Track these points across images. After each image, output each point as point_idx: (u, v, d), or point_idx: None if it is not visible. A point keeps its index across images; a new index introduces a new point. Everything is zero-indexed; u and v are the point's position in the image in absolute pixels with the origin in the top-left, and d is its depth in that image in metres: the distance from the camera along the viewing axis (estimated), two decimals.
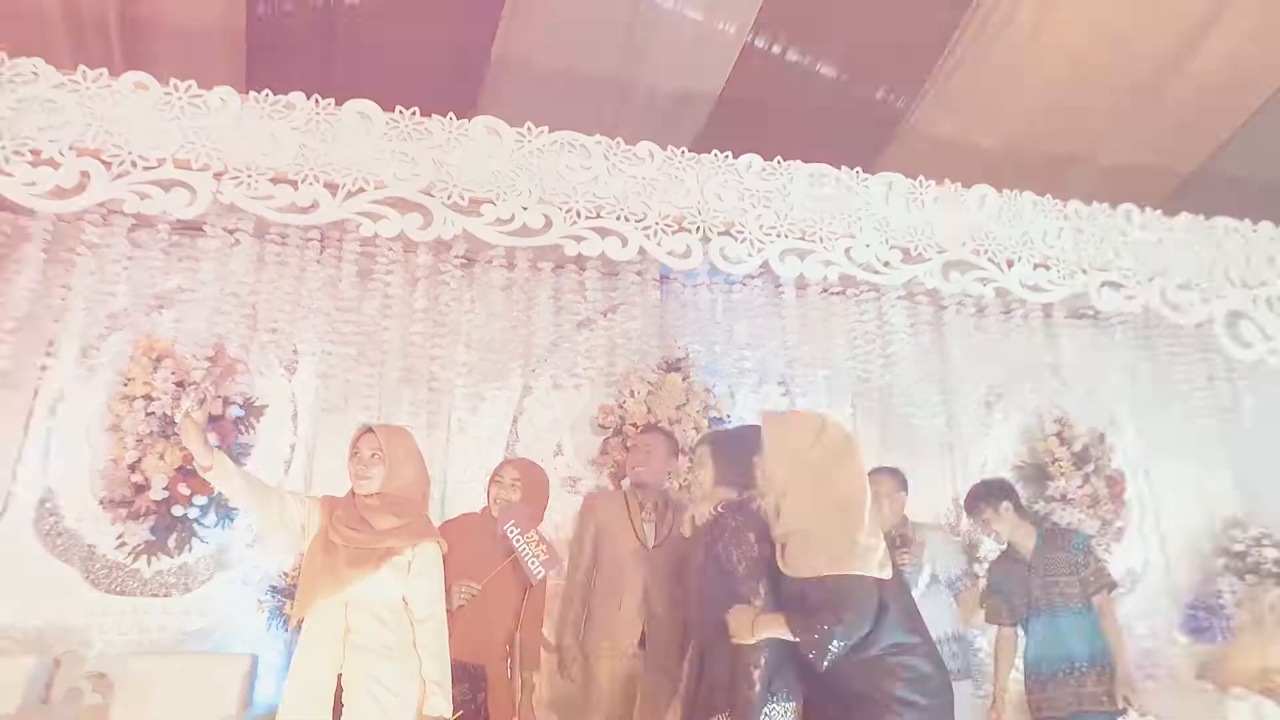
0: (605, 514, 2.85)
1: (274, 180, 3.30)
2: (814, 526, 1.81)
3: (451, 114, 3.62)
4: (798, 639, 1.74)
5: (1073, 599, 2.72)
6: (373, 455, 2.15)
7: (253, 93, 3.41)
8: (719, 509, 1.98)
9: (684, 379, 4.04)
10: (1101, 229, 4.27)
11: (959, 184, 4.20)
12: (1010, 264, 4.08)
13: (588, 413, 4.13)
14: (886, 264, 3.95)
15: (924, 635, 1.85)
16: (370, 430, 2.20)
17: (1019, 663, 2.92)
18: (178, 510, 3.27)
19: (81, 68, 3.31)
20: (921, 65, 4.86)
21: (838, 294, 4.20)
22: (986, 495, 2.97)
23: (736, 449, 2.17)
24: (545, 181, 3.64)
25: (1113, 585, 2.78)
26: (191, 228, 3.56)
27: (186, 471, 3.29)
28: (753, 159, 3.99)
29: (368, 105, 3.53)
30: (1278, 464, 4.50)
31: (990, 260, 4.06)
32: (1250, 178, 5.34)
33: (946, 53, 4.68)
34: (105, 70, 3.32)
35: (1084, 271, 4.16)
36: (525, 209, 3.55)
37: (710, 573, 1.95)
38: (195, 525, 3.34)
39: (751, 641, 1.77)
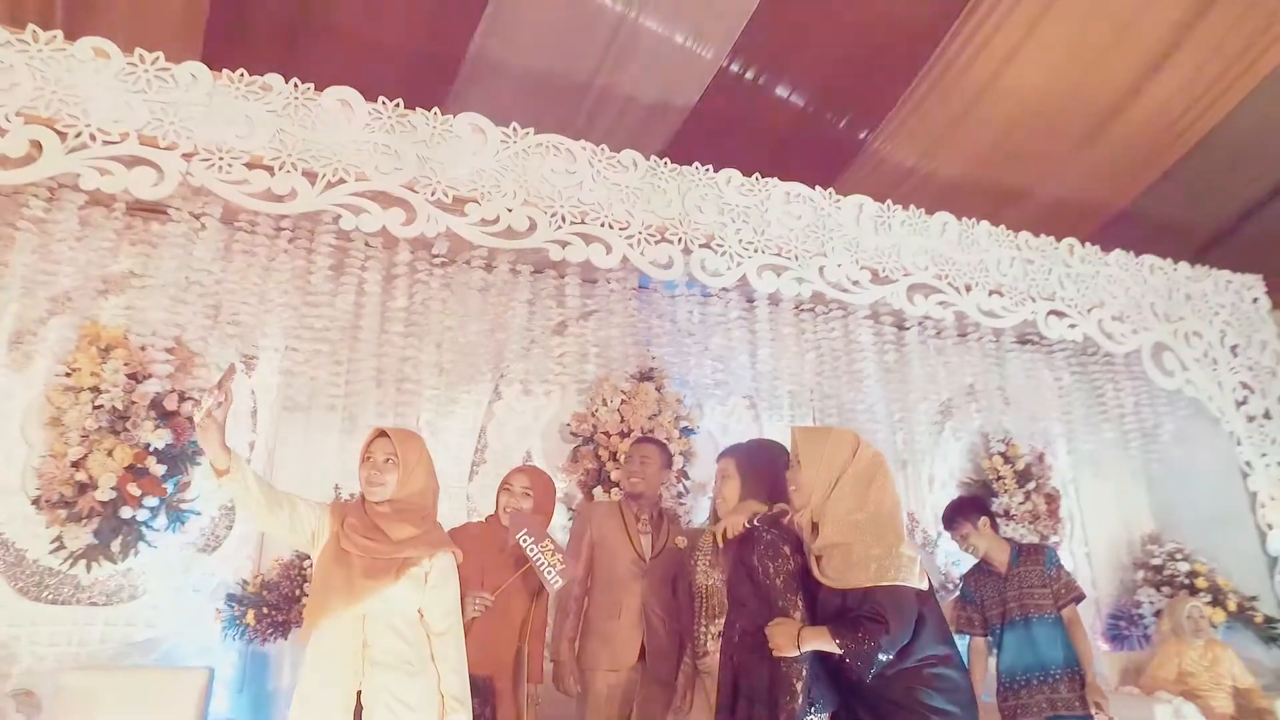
0: (601, 525, 2.82)
1: (249, 165, 3.12)
2: (856, 539, 1.86)
3: (436, 109, 3.53)
4: (842, 651, 1.77)
5: (1045, 609, 2.88)
6: (387, 460, 2.05)
7: (226, 71, 3.23)
8: (753, 523, 1.99)
9: (657, 389, 4.04)
10: (1049, 260, 4.55)
11: (922, 210, 4.39)
12: (968, 289, 4.29)
13: (558, 419, 4.08)
14: (856, 284, 4.08)
15: (954, 646, 1.91)
16: (385, 434, 2.10)
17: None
18: (126, 512, 3.02)
19: (32, 27, 3.05)
20: (884, 100, 5.07)
21: (808, 310, 4.30)
22: (966, 511, 3.11)
23: (762, 463, 2.20)
24: (530, 183, 3.59)
25: (1081, 597, 2.97)
26: (150, 209, 3.33)
27: (138, 470, 3.06)
28: (732, 174, 4.05)
29: (349, 93, 3.39)
30: (1189, 484, 4.89)
31: (950, 285, 4.26)
32: (1169, 220, 5.82)
33: (909, 90, 4.90)
34: (60, 33, 3.07)
35: (1033, 300, 4.41)
36: (510, 210, 3.49)
37: (744, 586, 1.95)
38: (144, 529, 3.10)
39: (795, 654, 1.79)
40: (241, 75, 3.22)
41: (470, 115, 3.60)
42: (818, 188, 4.21)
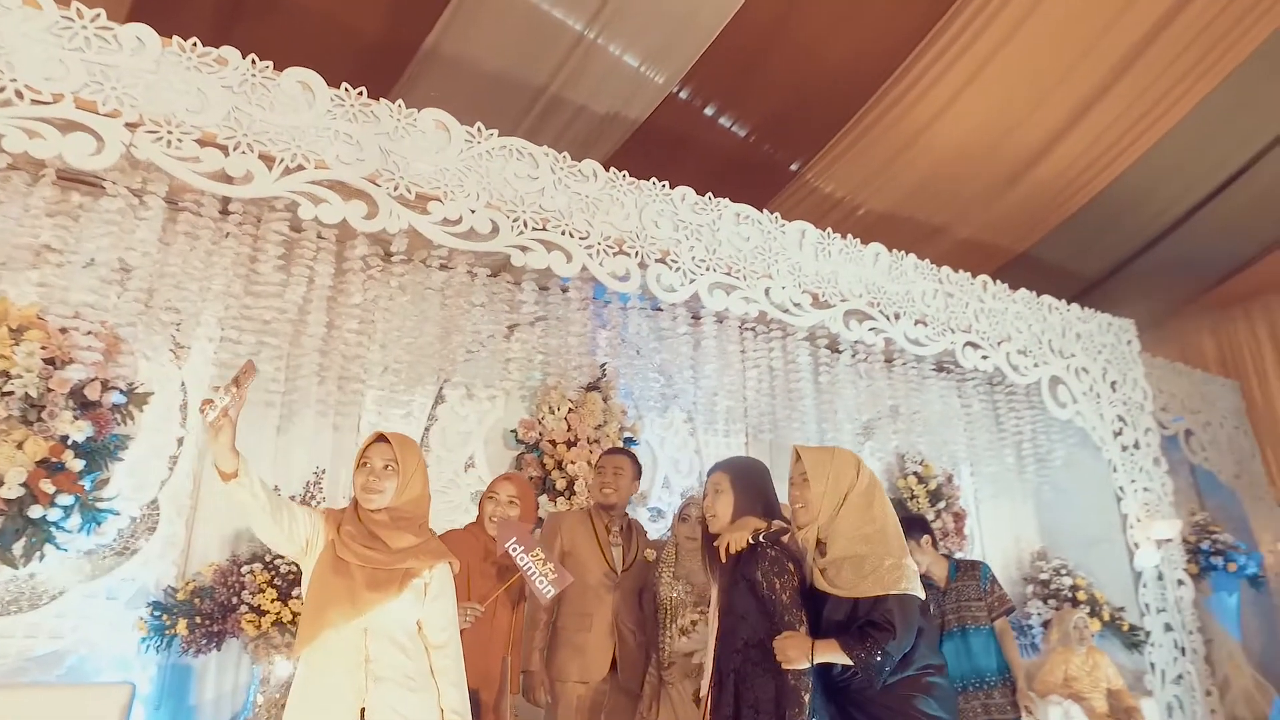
0: (572, 536, 2.80)
1: (200, 142, 2.92)
2: (870, 550, 1.95)
3: (400, 101, 3.41)
4: (853, 661, 1.85)
5: (980, 621, 3.12)
6: (385, 466, 1.97)
7: (177, 38, 3.00)
8: (759, 538, 2.04)
9: (604, 399, 4.06)
10: (966, 295, 4.91)
11: (858, 239, 4.64)
12: (897, 317, 4.56)
13: (501, 425, 4.03)
14: (799, 306, 4.26)
15: (943, 656, 2.04)
16: (384, 439, 2.02)
17: None
18: (35, 511, 2.73)
19: None
20: (819, 138, 5.37)
21: (749, 329, 4.44)
22: (909, 529, 3.30)
23: (756, 479, 2.26)
24: (493, 186, 3.53)
25: (1011, 609, 3.22)
26: (75, 179, 3.04)
27: (52, 466, 2.78)
28: (686, 191, 4.14)
29: (310, 75, 3.23)
30: (1072, 506, 5.39)
31: (882, 313, 4.51)
32: (1057, 264, 6.42)
33: (842, 133, 5.20)
34: None
35: (952, 331, 4.75)
36: (473, 212, 3.42)
37: (746, 600, 2.00)
38: (53, 530, 2.81)
39: (806, 666, 1.86)
40: (194, 45, 3.01)
41: (434, 111, 3.50)
42: (765, 210, 4.37)
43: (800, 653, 1.86)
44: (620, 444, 4.06)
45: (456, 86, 4.46)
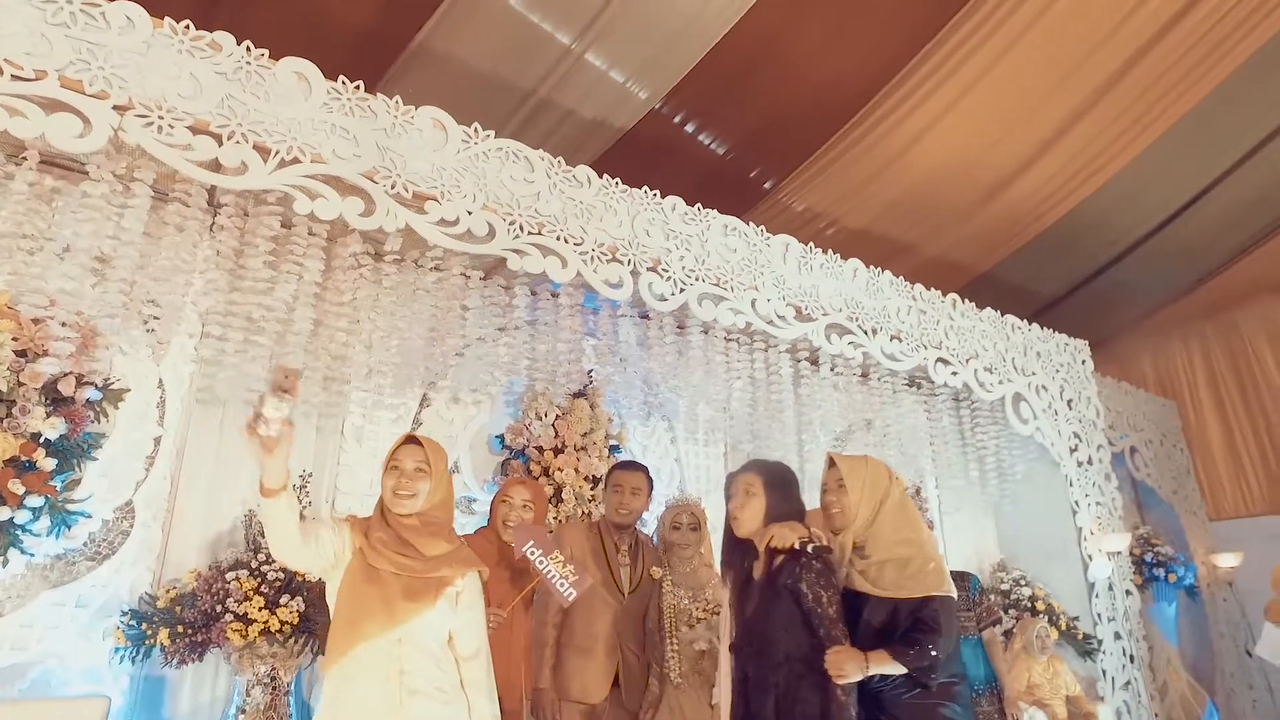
0: (580, 551, 2.76)
1: (193, 129, 2.80)
2: (915, 553, 2.00)
3: (399, 97, 3.34)
4: (907, 666, 1.88)
5: (969, 631, 3.20)
6: (417, 469, 1.91)
7: (169, 19, 2.88)
8: (805, 547, 2.03)
9: (591, 406, 4.04)
10: (937, 312, 5.06)
11: (837, 254, 4.74)
12: (874, 332, 4.67)
13: (485, 431, 3.96)
14: (783, 319, 4.32)
15: (963, 664, 2.10)
16: (415, 441, 1.96)
17: None
18: (2, 514, 2.56)
19: None
20: (797, 157, 5.48)
21: (732, 340, 4.48)
22: None
23: (787, 484, 2.27)
24: (489, 188, 3.49)
25: (998, 620, 3.32)
26: (54, 164, 2.88)
27: (22, 465, 2.61)
28: (677, 201, 4.15)
29: (306, 66, 3.13)
30: (1030, 519, 5.59)
31: (860, 328, 4.61)
32: (1017, 285, 6.67)
33: (824, 149, 5.31)
34: None
35: (925, 347, 4.88)
36: (470, 214, 3.37)
37: (790, 613, 2.00)
38: (19, 533, 2.64)
39: (859, 679, 1.88)
40: (186, 27, 2.89)
41: (431, 109, 3.44)
42: (751, 224, 4.42)
43: (855, 666, 1.88)
44: (607, 452, 4.04)
45: (445, 83, 4.39)
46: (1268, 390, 7.26)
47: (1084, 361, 5.97)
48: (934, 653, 1.87)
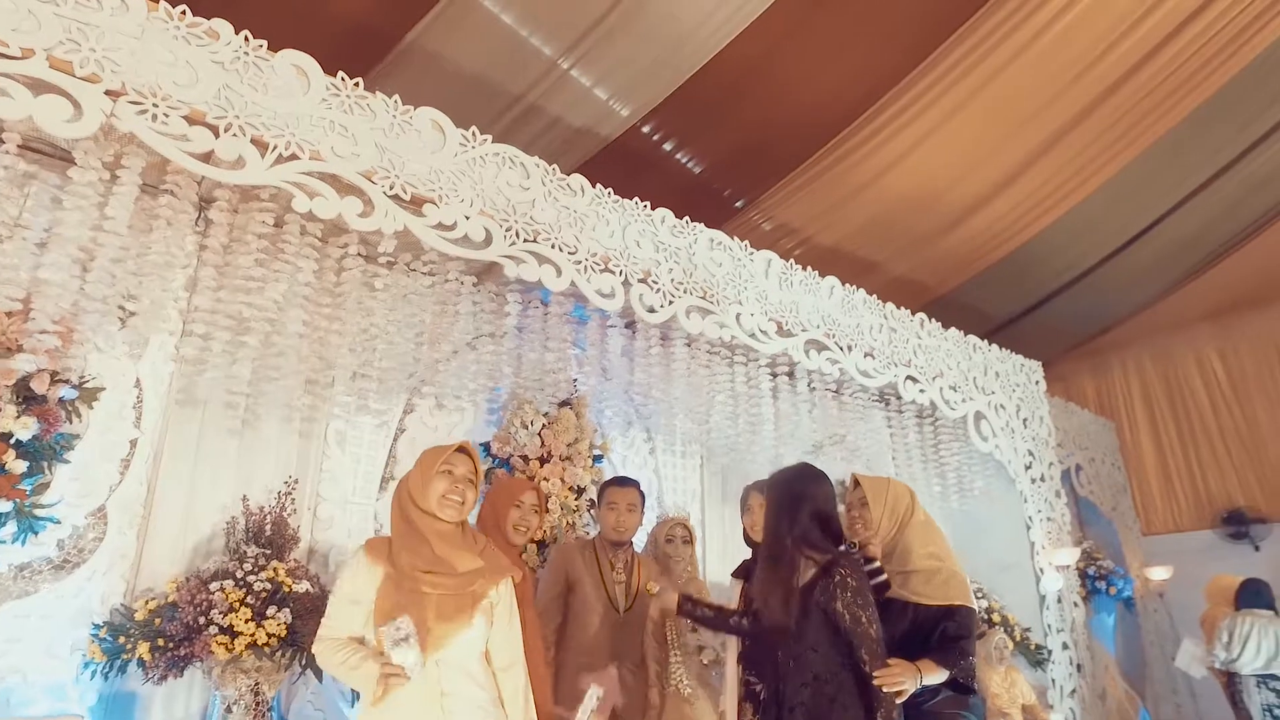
0: (576, 570, 2.75)
1: (189, 119, 2.68)
2: (935, 565, 2.08)
3: (397, 96, 3.27)
4: (953, 671, 1.94)
5: None
6: (467, 478, 1.87)
7: (164, 4, 2.75)
8: (838, 565, 2.05)
9: (577, 416, 4.01)
10: (906, 331, 5.21)
11: (816, 271, 4.84)
12: (850, 349, 4.78)
13: (470, 438, 3.88)
14: (765, 333, 4.38)
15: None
16: (464, 450, 1.91)
17: None
18: None
19: None
20: (770, 179, 5.60)
21: (714, 353, 4.52)
22: None
23: (779, 504, 2.30)
24: (485, 193, 3.44)
25: (980, 633, 3.42)
26: (29, 147, 2.72)
27: None
28: (666, 213, 4.18)
29: (305, 60, 3.04)
30: (987, 534, 5.79)
31: (837, 344, 4.72)
32: (972, 306, 6.93)
33: (799, 171, 5.44)
34: None
35: (896, 365, 5.02)
36: (468, 218, 3.32)
37: (819, 632, 2.01)
38: None
39: (913, 690, 1.92)
40: (183, 13, 2.77)
41: (430, 110, 3.38)
42: (735, 238, 4.48)
43: (911, 678, 1.93)
44: (592, 462, 4.03)
45: (435, 82, 4.33)
46: (1196, 413, 7.71)
47: (1037, 382, 6.23)
48: (970, 658, 1.94)
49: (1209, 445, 7.56)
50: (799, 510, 2.19)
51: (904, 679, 1.91)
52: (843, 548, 2.10)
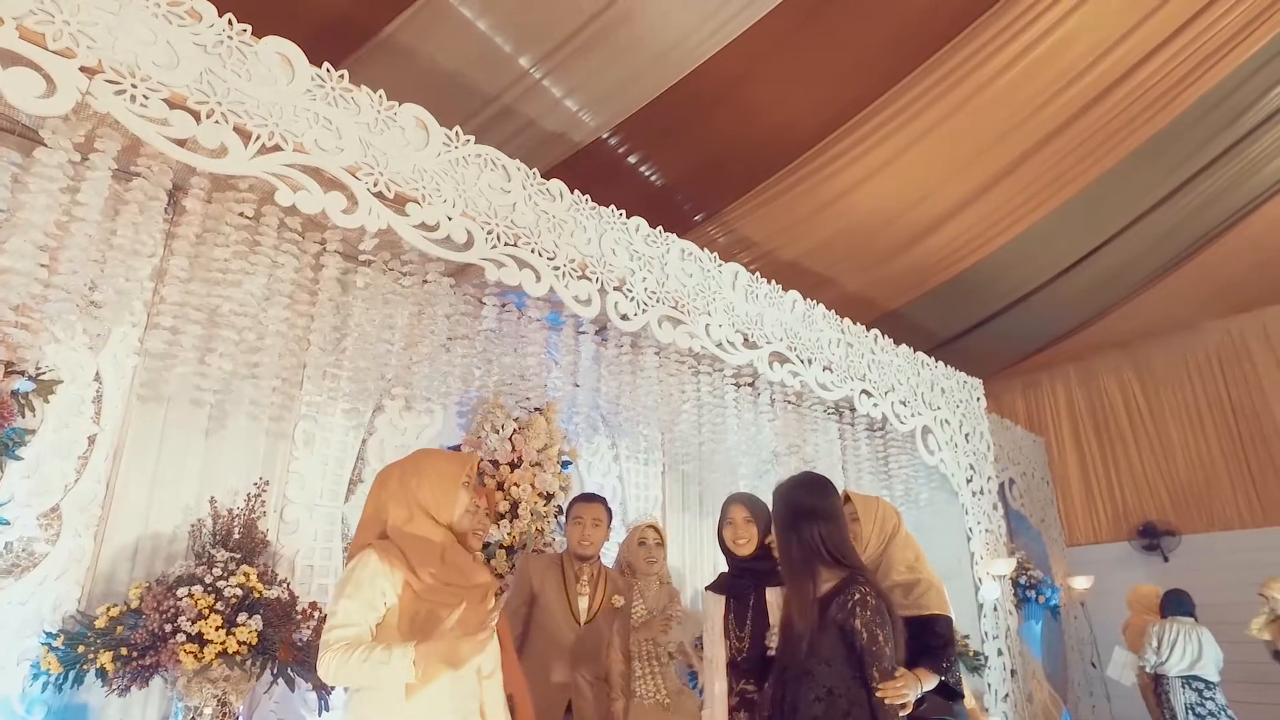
0: (541, 580, 2.75)
1: (169, 103, 2.56)
2: (914, 577, 2.18)
3: (382, 91, 3.20)
4: (943, 677, 2.01)
5: None
6: (481, 486, 1.84)
7: None
8: (858, 582, 2.08)
9: (548, 422, 4.00)
10: (861, 346, 5.37)
11: (779, 285, 4.95)
12: (810, 362, 4.90)
13: (439, 441, 3.83)
14: (732, 344, 4.45)
15: None
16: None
17: None
18: None
19: None
20: (731, 195, 5.72)
21: (681, 362, 4.57)
22: None
23: (774, 515, 2.36)
24: (467, 195, 3.40)
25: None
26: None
27: None
28: (640, 222, 4.20)
29: (290, 48, 2.95)
30: (930, 544, 6.00)
31: (798, 357, 4.83)
32: (918, 323, 7.20)
33: (761, 188, 5.56)
34: None
35: (851, 379, 5.17)
36: (450, 219, 3.27)
37: (833, 647, 2.03)
38: None
39: (914, 699, 1.98)
40: None
41: (414, 107, 3.31)
42: (705, 250, 4.55)
43: (913, 687, 1.99)
44: (560, 468, 4.01)
45: (411, 78, 4.26)
46: (1116, 431, 8.20)
47: (979, 399, 6.51)
48: (956, 662, 2.04)
49: (1127, 461, 8.05)
50: (805, 523, 2.20)
51: (907, 689, 1.97)
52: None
